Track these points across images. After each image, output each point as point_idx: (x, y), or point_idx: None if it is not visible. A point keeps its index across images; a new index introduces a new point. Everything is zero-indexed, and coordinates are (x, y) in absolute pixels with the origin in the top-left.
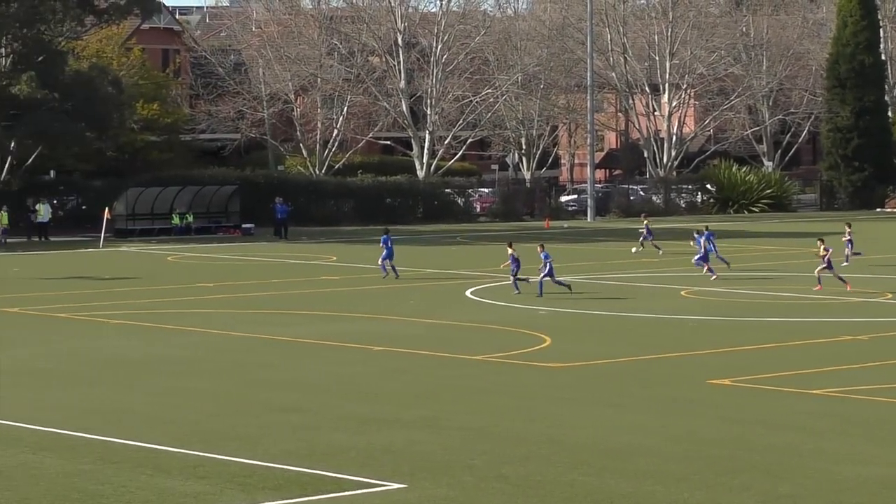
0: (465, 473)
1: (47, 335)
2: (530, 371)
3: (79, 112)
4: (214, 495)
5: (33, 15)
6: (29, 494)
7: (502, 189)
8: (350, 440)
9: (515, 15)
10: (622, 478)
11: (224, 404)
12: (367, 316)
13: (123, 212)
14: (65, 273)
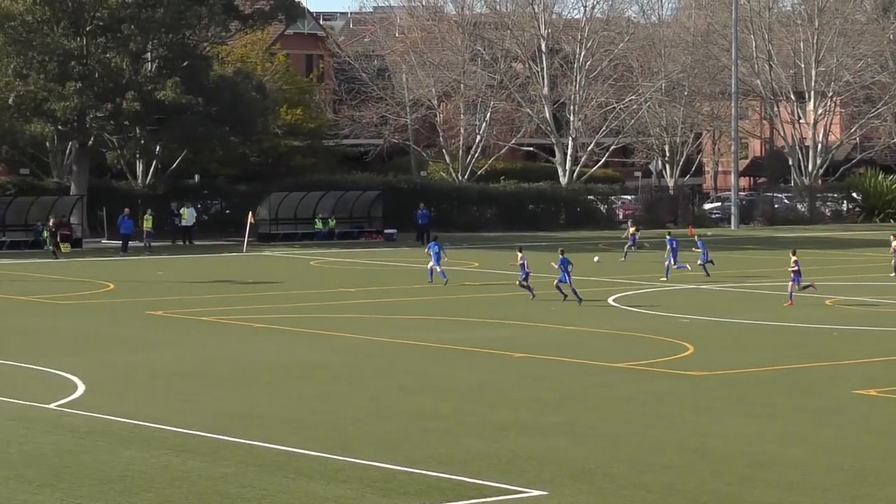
0: (606, 481)
1: (190, 338)
2: (672, 379)
3: (223, 117)
4: (355, 500)
5: (179, 20)
6: (171, 496)
7: (645, 196)
8: (490, 446)
9: (659, 21)
10: (765, 488)
11: (366, 409)
12: (508, 322)
13: (267, 216)
14: (209, 277)
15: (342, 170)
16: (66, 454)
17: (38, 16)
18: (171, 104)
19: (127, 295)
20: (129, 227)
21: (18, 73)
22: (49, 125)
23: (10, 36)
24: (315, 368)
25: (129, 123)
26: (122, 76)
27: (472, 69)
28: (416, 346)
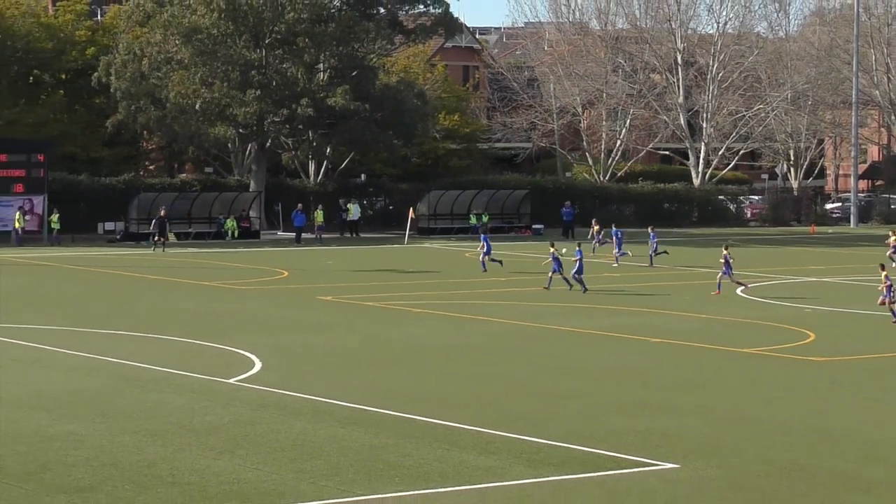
0: (734, 457)
1: (357, 322)
2: (795, 364)
3: (387, 122)
4: (504, 469)
5: (348, 34)
6: (338, 464)
7: (771, 196)
8: (627, 423)
9: (786, 37)
10: (883, 465)
11: (514, 388)
12: (645, 310)
13: (426, 212)
14: (373, 266)
15: (494, 171)
16: (243, 424)
17: (223, 30)
18: (341, 110)
19: (300, 282)
20: (302, 220)
21: (204, 82)
22: (231, 128)
23: (197, 48)
24: (468, 350)
25: (302, 127)
26: (297, 84)
27: (613, 80)
28: (561, 331)
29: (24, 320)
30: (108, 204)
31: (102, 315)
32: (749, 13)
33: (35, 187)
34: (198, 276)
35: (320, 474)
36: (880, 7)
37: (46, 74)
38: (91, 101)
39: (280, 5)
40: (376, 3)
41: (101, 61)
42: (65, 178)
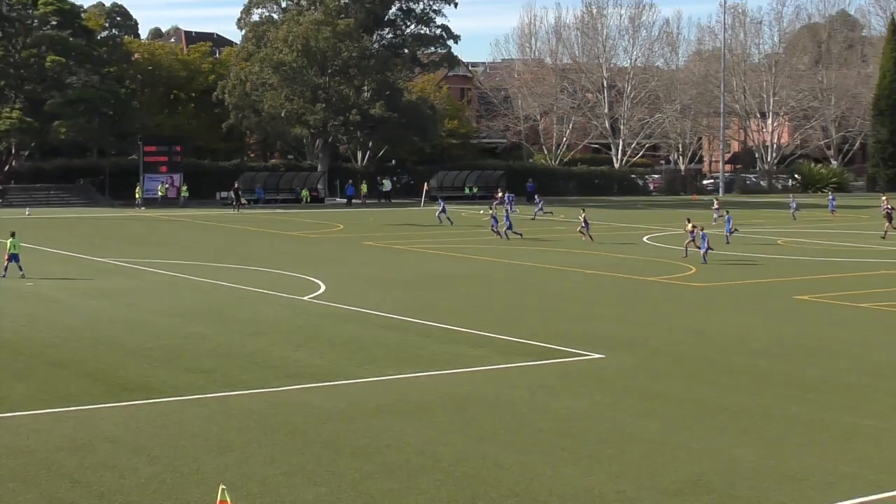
0: (641, 349)
1: (389, 259)
2: (682, 289)
3: (410, 125)
4: (488, 357)
5: (384, 67)
6: (376, 353)
7: (666, 175)
8: (569, 327)
9: (676, 68)
10: (740, 355)
11: (494, 303)
12: (582, 252)
13: (436, 185)
14: (399, 222)
15: (482, 158)
16: (313, 327)
17: (299, 63)
18: (379, 117)
19: (351, 232)
20: (352, 191)
21: (287, 98)
22: (305, 129)
23: (283, 76)
24: (463, 278)
25: (353, 129)
26: (349, 100)
27: (560, 97)
28: (523, 265)
29: (164, 257)
30: (222, 179)
31: (217, 253)
32: (651, 52)
33: (174, 168)
34: (282, 227)
35: (364, 361)
36: (739, 49)
37: (182, 93)
38: (212, 111)
39: (338, 48)
40: (402, 46)
41: (219, 85)
42: (194, 162)
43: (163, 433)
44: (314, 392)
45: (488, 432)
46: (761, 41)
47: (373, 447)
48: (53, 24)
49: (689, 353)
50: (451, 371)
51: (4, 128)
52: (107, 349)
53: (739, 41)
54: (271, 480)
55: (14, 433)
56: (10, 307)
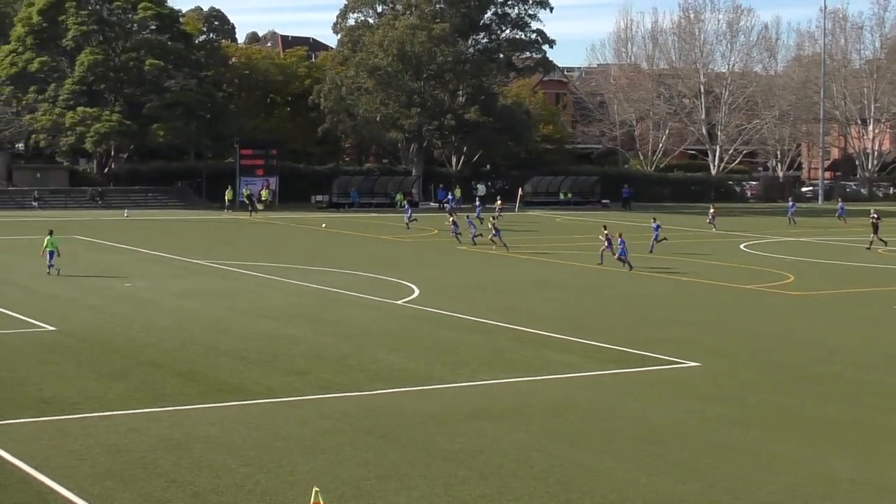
0: (735, 357)
1: (481, 263)
2: (778, 297)
3: (504, 130)
4: (580, 364)
5: (479, 71)
6: (468, 358)
7: (764, 182)
8: (663, 334)
9: (775, 74)
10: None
11: (589, 310)
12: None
13: (530, 190)
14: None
15: (576, 163)
16: (406, 331)
17: (395, 68)
18: (474, 122)
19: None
20: (443, 195)
21: (382, 103)
22: (400, 134)
23: (378, 80)
24: (553, 283)
25: (448, 133)
26: (444, 105)
27: (657, 103)
28: (617, 272)
29: (258, 259)
30: (317, 183)
31: (311, 256)
32: (749, 58)
33: (270, 171)
34: (376, 231)
35: (457, 365)
36: (839, 54)
37: (278, 97)
38: (307, 115)
39: (433, 52)
40: (497, 50)
41: (314, 89)
42: (289, 165)
43: (257, 434)
44: (407, 396)
45: (581, 439)
46: (862, 46)
47: (465, 452)
48: (152, 29)
49: (784, 363)
50: (544, 377)
51: (104, 130)
52: (202, 350)
53: (840, 46)
54: (364, 483)
55: (111, 432)
56: (107, 308)
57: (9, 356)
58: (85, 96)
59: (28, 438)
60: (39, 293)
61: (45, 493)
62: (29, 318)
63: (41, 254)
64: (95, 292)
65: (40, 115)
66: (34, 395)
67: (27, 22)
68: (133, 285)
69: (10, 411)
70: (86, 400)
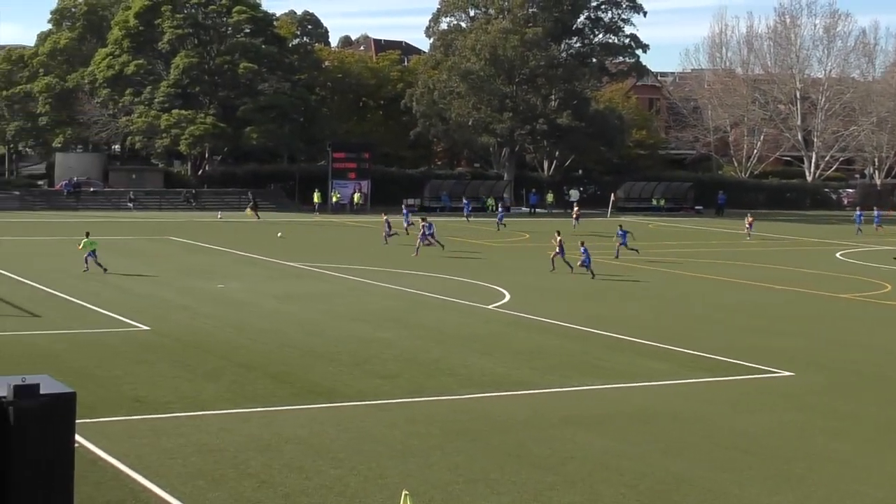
0: (831, 366)
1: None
2: (875, 307)
3: (597, 135)
4: (672, 371)
5: (571, 76)
6: (559, 362)
7: (861, 189)
8: (756, 343)
9: (873, 79)
10: None
11: (681, 317)
12: (767, 266)
13: (622, 196)
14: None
15: (669, 169)
16: (497, 335)
17: (487, 72)
18: (566, 127)
19: (536, 241)
20: (535, 200)
21: (475, 107)
22: (492, 138)
23: (470, 84)
24: (643, 290)
25: (540, 138)
26: (536, 109)
27: (751, 108)
28: (709, 278)
29: (350, 262)
30: (409, 186)
31: (402, 260)
32: (846, 63)
33: (362, 175)
34: (467, 235)
35: (547, 371)
36: None
37: (370, 101)
38: (399, 119)
39: (525, 56)
40: (590, 55)
41: (407, 93)
42: (381, 169)
43: (347, 437)
44: (497, 400)
45: (673, 447)
46: None
47: (555, 458)
48: (247, 32)
49: (881, 374)
50: (636, 384)
51: (199, 133)
52: (294, 352)
53: None
54: (453, 487)
55: (203, 431)
56: (200, 308)
57: (105, 355)
58: (180, 99)
59: (122, 436)
60: (134, 293)
61: (137, 490)
62: (124, 317)
63: (81, 254)
64: (189, 293)
65: (136, 118)
66: (128, 394)
67: (124, 25)
68: (226, 287)
69: (105, 409)
70: (178, 399)
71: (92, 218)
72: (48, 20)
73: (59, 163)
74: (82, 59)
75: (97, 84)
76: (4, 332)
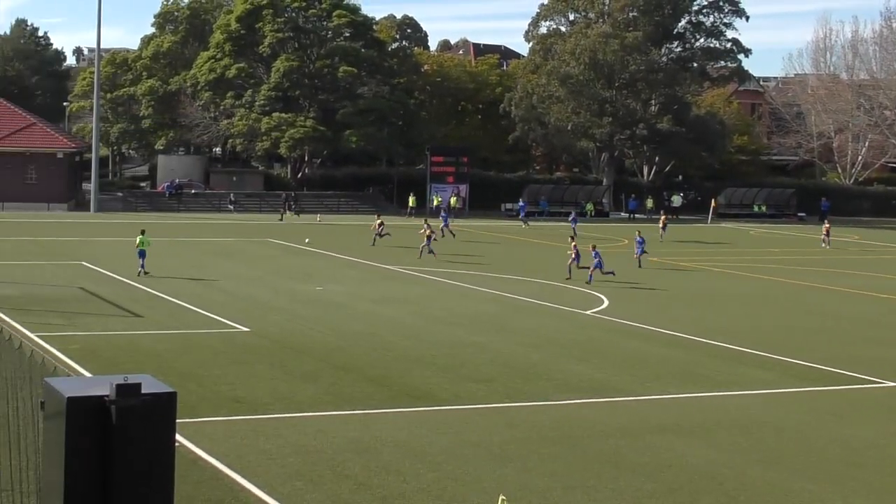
0: None
1: (672, 277)
2: None
3: (698, 140)
4: (775, 380)
5: (672, 81)
6: (660, 372)
7: None
8: (863, 352)
9: None
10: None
11: (783, 325)
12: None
13: (723, 202)
14: (686, 238)
15: (771, 175)
16: (595, 341)
17: (587, 77)
18: (666, 132)
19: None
20: (634, 205)
21: (574, 111)
22: (591, 143)
23: (570, 88)
24: (746, 297)
25: (639, 143)
26: (636, 114)
27: (856, 114)
28: (812, 286)
29: (446, 266)
30: (507, 191)
31: (499, 264)
32: None
33: (461, 179)
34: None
35: (646, 378)
36: None
37: (469, 104)
38: (498, 123)
39: (625, 61)
40: (691, 59)
41: (506, 97)
42: (479, 173)
43: (444, 440)
44: (595, 407)
45: (774, 457)
46: None
47: (653, 465)
48: (346, 36)
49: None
50: (736, 392)
51: (298, 136)
52: (391, 355)
53: None
54: (551, 494)
55: (301, 433)
56: (300, 311)
57: (205, 356)
58: (280, 102)
59: (221, 436)
60: (235, 295)
61: (236, 490)
62: (225, 318)
63: (137, 251)
64: (288, 295)
65: (237, 121)
66: (228, 395)
67: (226, 29)
68: (325, 289)
69: (205, 409)
70: (277, 400)
71: (193, 219)
72: (151, 24)
73: (162, 165)
74: (184, 62)
75: (199, 87)
76: (109, 332)
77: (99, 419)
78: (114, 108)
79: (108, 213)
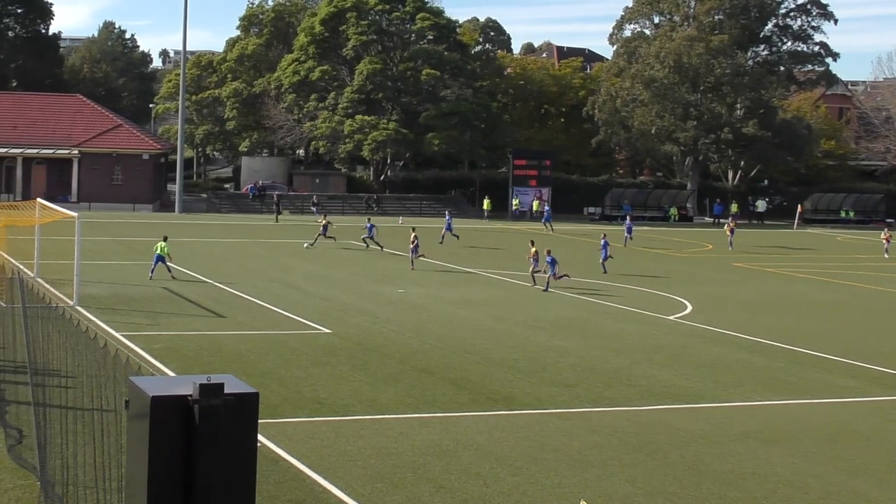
0: None
1: (758, 282)
2: None
3: (784, 145)
4: (861, 388)
5: (758, 84)
6: (742, 378)
7: None
8: None
9: None
10: None
11: (871, 333)
12: None
13: (809, 207)
14: (771, 243)
15: (859, 181)
16: (678, 347)
17: (671, 80)
18: (751, 136)
19: (718, 252)
20: (719, 210)
21: (658, 115)
22: (675, 147)
23: (654, 92)
24: (835, 304)
25: (724, 147)
26: (721, 118)
27: None
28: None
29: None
30: (590, 195)
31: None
32: None
33: (543, 182)
34: (649, 245)
35: (730, 384)
36: None
37: (552, 108)
38: (581, 126)
39: (711, 64)
40: (778, 63)
41: (589, 100)
42: (562, 176)
43: (525, 445)
44: (677, 413)
45: (860, 467)
46: None
47: (737, 473)
48: (430, 39)
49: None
50: (822, 400)
51: (381, 138)
52: (472, 358)
53: None
54: (632, 500)
55: (382, 435)
56: (381, 313)
57: (288, 357)
58: (363, 105)
59: (303, 437)
60: (317, 296)
61: (318, 491)
62: (307, 320)
63: (163, 257)
64: (370, 297)
65: (320, 123)
66: (309, 396)
67: (310, 32)
68: (407, 291)
69: (287, 410)
70: (358, 402)
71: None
72: (237, 27)
73: (245, 166)
74: (269, 64)
75: (283, 89)
76: (193, 332)
77: (182, 418)
78: (199, 110)
79: (193, 214)
